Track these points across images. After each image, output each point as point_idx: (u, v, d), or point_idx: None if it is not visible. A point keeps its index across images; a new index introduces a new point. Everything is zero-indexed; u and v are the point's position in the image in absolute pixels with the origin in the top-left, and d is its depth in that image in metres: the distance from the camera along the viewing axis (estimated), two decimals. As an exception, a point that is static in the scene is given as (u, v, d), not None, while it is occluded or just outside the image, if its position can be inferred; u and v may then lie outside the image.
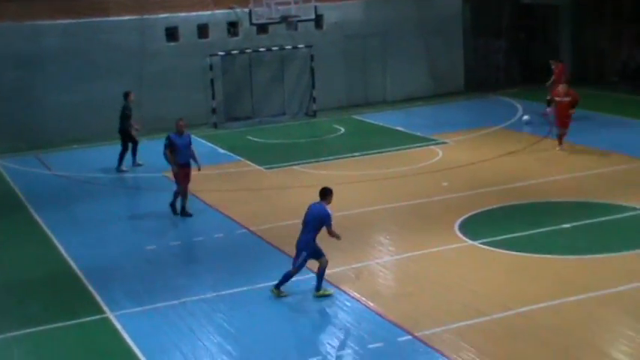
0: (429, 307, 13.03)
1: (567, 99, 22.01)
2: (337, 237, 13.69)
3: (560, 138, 22.26)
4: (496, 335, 11.99)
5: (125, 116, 22.65)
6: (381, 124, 27.68)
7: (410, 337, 12.01)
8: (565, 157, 21.61)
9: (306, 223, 13.62)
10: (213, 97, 28.23)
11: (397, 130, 26.45)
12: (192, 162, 18.32)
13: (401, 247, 15.94)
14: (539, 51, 33.55)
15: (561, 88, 22.46)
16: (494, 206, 17.85)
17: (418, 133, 25.65)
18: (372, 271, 14.81)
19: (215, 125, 28.01)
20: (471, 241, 15.79)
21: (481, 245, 15.56)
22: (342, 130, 27.14)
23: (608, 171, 20.14)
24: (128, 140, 22.81)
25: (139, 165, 23.06)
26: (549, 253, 14.96)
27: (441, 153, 23.09)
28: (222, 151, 24.75)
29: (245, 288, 14.13)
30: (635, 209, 16.97)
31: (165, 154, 18.21)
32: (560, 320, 12.29)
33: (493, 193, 18.77)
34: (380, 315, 12.87)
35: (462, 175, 20.65)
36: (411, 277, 14.48)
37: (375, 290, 14.01)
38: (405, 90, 31.16)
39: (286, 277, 13.65)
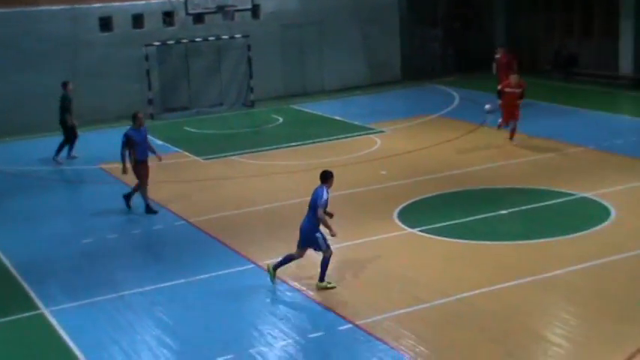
0: (369, 296, 13.07)
1: (518, 90, 21.63)
2: (328, 227, 13.37)
3: (512, 131, 21.71)
4: (436, 322, 12.09)
5: (64, 107, 22.25)
6: (319, 113, 27.72)
7: (351, 325, 12.03)
8: (502, 144, 21.83)
9: (309, 206, 13.56)
10: (150, 88, 27.97)
11: (335, 120, 26.50)
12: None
13: (340, 236, 15.85)
14: (475, 39, 33.94)
15: (513, 78, 21.98)
16: (433, 194, 17.98)
17: (356, 122, 25.73)
18: (313, 261, 14.73)
19: (152, 116, 27.69)
20: (410, 229, 15.88)
21: (420, 233, 15.67)
22: (281, 119, 27.10)
23: (543, 157, 20.44)
24: (69, 132, 22.39)
25: (74, 157, 22.69)
26: (487, 239, 15.13)
27: (379, 142, 23.19)
28: (159, 142, 24.45)
29: (184, 280, 14.00)
30: (570, 195, 17.23)
31: (122, 153, 17.40)
32: (499, 305, 12.43)
33: (431, 181, 18.91)
34: (320, 304, 12.87)
35: (400, 163, 20.76)
36: (351, 266, 14.49)
37: (315, 280, 14.01)
38: (342, 79, 31.23)
39: (287, 260, 13.60)
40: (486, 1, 34.05)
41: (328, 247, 13.34)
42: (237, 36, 29.23)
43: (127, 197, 17.87)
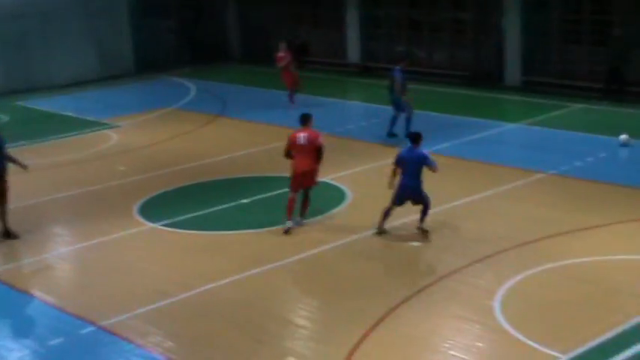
0: (112, 296, 12.87)
1: None
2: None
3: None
4: (182, 315, 12.13)
5: None
6: (49, 109, 26.74)
7: (94, 328, 11.79)
8: (240, 135, 22.17)
9: (406, 165, 14.23)
10: None
11: (67, 116, 25.71)
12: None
13: (79, 237, 15.57)
14: (208, 30, 34.12)
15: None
16: (174, 187, 17.97)
17: (90, 118, 25.12)
18: (49, 265, 14.35)
19: None
20: (151, 224, 15.79)
21: (162, 227, 15.61)
22: (7, 118, 25.85)
23: (279, 146, 20.90)
24: None
25: None
26: (229, 229, 15.35)
27: (115, 137, 22.81)
28: None
29: None
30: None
31: None
32: (243, 294, 12.67)
33: (171, 174, 18.88)
34: (60, 309, 12.50)
35: (138, 157, 20.56)
36: (92, 267, 14.21)
37: (54, 284, 13.65)
38: (72, 73, 30.27)
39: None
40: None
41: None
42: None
43: None
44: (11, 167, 15.60)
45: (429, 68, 27.65)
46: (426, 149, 14.51)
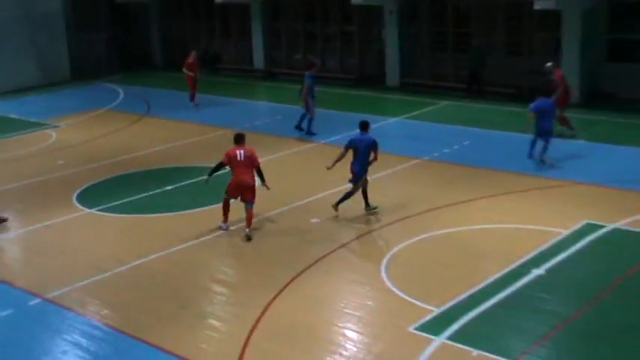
0: (56, 272, 12.54)
1: None
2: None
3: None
4: (117, 287, 11.91)
5: None
6: (-6, 113, 25.77)
7: (40, 299, 11.49)
8: (163, 132, 21.80)
9: (357, 149, 14.05)
10: None
11: (11, 118, 24.80)
12: None
13: (24, 222, 15.09)
14: (135, 42, 33.56)
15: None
16: (107, 177, 17.57)
17: (32, 119, 24.29)
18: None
19: None
20: (88, 210, 15.41)
21: (97, 212, 15.26)
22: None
23: (200, 139, 20.72)
24: None
25: None
26: (157, 212, 15.11)
27: (54, 135, 22.13)
28: None
29: None
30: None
31: None
32: (170, 267, 12.51)
33: (105, 166, 18.43)
34: (8, 284, 12.11)
35: (76, 152, 20.00)
36: (37, 248, 13.80)
37: (3, 263, 13.23)
38: (14, 81, 29.09)
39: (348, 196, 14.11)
40: (142, 9, 33.66)
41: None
42: None
43: None
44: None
45: (323, 72, 27.65)
46: (331, 138, 14.46)
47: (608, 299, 10.79)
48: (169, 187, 16.48)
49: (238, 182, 13.56)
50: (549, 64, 18.93)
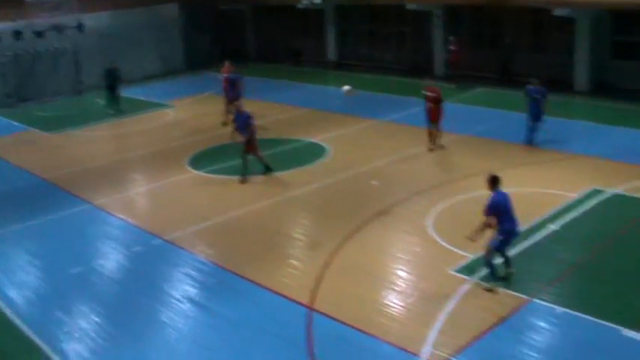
0: (172, 219, 12.86)
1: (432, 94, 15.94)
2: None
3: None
4: (218, 232, 12.15)
5: None
6: (129, 96, 26.27)
7: (161, 240, 11.83)
8: (259, 109, 21.83)
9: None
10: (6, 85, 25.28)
11: (139, 100, 25.31)
12: None
13: (148, 181, 15.50)
14: (233, 40, 33.82)
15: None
16: (212, 146, 17.77)
17: (154, 101, 24.74)
18: (132, 198, 14.34)
19: (11, 105, 25.09)
20: (196, 172, 15.69)
21: (204, 173, 15.53)
22: (103, 102, 25.36)
23: (284, 117, 20.73)
24: None
25: None
26: (250, 174, 15.14)
27: (171, 113, 22.52)
28: (16, 123, 22.36)
29: (42, 219, 13.04)
30: (301, 141, 17.60)
31: None
32: (258, 218, 12.66)
33: (209, 138, 18.62)
34: (138, 227, 12.51)
35: (188, 126, 20.31)
36: (157, 200, 14.19)
37: (135, 210, 13.60)
38: (142, 72, 29.74)
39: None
40: (239, 14, 33.74)
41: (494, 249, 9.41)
42: (68, 45, 26.96)
43: None
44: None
45: (382, 64, 27.31)
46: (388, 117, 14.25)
47: (608, 249, 10.54)
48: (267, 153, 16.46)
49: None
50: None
